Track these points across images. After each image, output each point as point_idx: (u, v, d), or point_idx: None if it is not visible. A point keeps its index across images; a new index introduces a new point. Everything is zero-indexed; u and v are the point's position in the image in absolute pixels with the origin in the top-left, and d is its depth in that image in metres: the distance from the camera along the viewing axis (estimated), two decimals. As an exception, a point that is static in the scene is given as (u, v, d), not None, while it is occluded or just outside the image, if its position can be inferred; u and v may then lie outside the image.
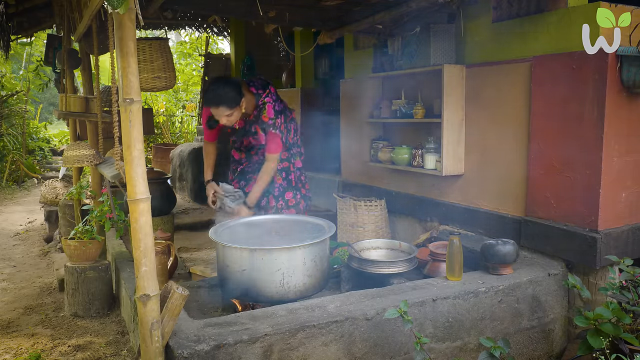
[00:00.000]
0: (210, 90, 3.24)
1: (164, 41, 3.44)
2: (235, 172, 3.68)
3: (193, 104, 11.95)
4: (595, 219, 2.79)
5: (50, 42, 6.25)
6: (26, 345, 3.24)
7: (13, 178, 10.26)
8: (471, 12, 3.53)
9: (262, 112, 3.36)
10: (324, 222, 2.99)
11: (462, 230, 3.59)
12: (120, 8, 1.89)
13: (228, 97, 3.17)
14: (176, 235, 5.21)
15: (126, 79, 2.01)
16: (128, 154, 2.05)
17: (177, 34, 12.82)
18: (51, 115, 17.18)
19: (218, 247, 2.75)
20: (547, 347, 2.88)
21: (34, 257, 5.37)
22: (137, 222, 2.06)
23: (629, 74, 2.68)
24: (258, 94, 3.38)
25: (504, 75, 3.29)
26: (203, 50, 9.86)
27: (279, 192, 3.61)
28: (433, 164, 3.73)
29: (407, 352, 2.46)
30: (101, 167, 3.78)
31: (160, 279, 2.83)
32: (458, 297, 2.59)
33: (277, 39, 6.70)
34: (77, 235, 3.66)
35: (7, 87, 11.15)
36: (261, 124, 3.39)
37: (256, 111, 3.37)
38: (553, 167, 3.00)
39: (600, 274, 2.83)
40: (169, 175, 5.65)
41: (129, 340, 3.25)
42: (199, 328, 2.22)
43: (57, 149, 12.63)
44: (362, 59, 4.76)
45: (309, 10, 3.69)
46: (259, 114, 3.38)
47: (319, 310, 2.39)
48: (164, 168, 8.22)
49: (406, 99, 4.02)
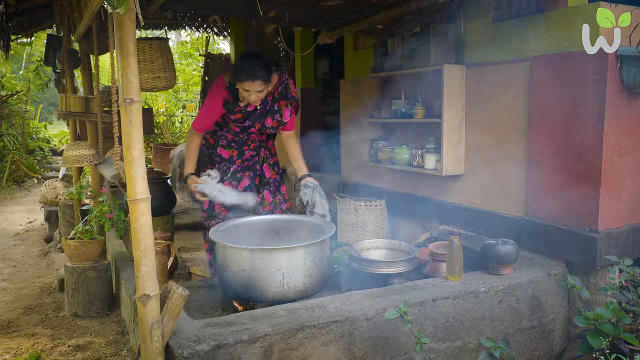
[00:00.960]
0: (245, 64, 3.03)
1: (164, 41, 3.44)
2: (226, 172, 3.48)
3: (193, 104, 11.94)
4: (595, 219, 2.79)
5: (50, 42, 6.25)
6: (26, 345, 3.24)
7: (13, 178, 10.26)
8: (471, 12, 3.53)
9: (289, 86, 3.31)
10: (324, 222, 2.99)
11: (462, 230, 3.59)
12: (120, 8, 1.89)
13: (264, 70, 3.02)
14: (176, 235, 5.21)
15: (126, 79, 2.01)
16: (128, 154, 2.05)
17: (177, 34, 12.83)
18: (51, 115, 17.18)
19: (218, 247, 2.75)
20: (547, 347, 2.88)
21: (34, 257, 5.37)
22: (137, 222, 2.06)
23: (629, 74, 2.68)
24: (280, 69, 3.29)
25: (504, 75, 3.29)
26: (203, 51, 9.86)
27: (274, 187, 3.58)
28: (433, 164, 3.73)
29: (407, 352, 2.46)
30: (101, 167, 3.78)
31: (160, 279, 2.83)
32: (458, 297, 2.59)
33: (277, 39, 6.70)
34: (77, 235, 3.66)
35: (7, 87, 11.15)
36: (290, 99, 3.31)
37: (281, 87, 3.26)
38: (553, 167, 3.00)
39: (600, 274, 2.83)
40: (169, 175, 5.64)
41: (129, 340, 3.25)
42: (199, 328, 2.22)
43: (57, 149, 12.62)
44: (362, 59, 4.76)
45: (309, 10, 3.69)
46: (285, 89, 3.29)
47: (319, 310, 2.39)
48: (164, 168, 8.20)
49: (406, 99, 4.02)
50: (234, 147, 3.48)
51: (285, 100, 3.31)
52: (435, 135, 3.73)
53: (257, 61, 3.04)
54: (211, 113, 3.31)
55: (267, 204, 3.53)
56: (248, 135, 3.40)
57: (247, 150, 3.49)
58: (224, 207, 3.44)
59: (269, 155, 3.61)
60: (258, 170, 3.55)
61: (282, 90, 3.28)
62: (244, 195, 3.30)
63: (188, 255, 4.81)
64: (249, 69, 3.01)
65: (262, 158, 3.57)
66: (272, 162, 3.61)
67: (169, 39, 3.63)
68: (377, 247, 3.28)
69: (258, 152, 3.55)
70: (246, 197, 3.30)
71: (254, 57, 3.07)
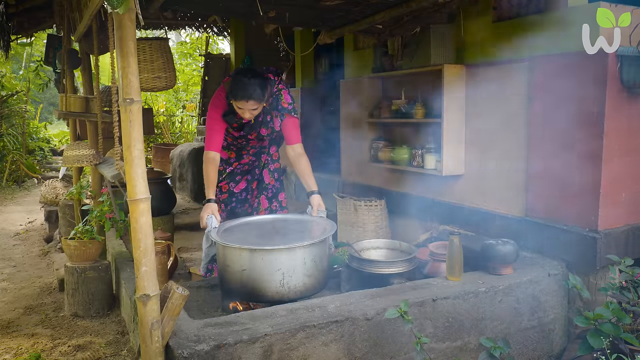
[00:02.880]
0: (240, 82, 3.01)
1: (164, 41, 3.44)
2: (222, 173, 3.46)
3: (193, 104, 11.94)
4: (595, 219, 2.79)
5: (50, 42, 6.24)
6: (26, 345, 3.24)
7: (13, 178, 10.27)
8: (471, 12, 3.53)
9: (280, 98, 3.25)
10: (324, 222, 2.99)
11: (462, 230, 3.59)
12: (120, 8, 1.89)
13: (258, 90, 2.99)
14: (176, 235, 5.21)
15: (126, 79, 2.01)
16: (128, 154, 2.05)
17: (177, 34, 12.82)
18: (51, 115, 17.19)
19: (218, 247, 2.75)
20: (547, 347, 2.88)
21: (34, 257, 5.37)
22: (137, 222, 2.06)
23: (629, 74, 2.68)
24: (273, 80, 3.25)
25: (504, 75, 3.29)
26: (203, 50, 9.86)
27: (272, 193, 3.57)
28: (433, 164, 3.73)
29: (407, 352, 2.46)
30: (101, 167, 3.78)
31: (160, 279, 2.83)
32: (458, 297, 2.59)
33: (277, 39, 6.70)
34: (77, 235, 3.66)
35: (7, 87, 11.15)
36: (281, 110, 3.25)
37: (272, 99, 3.22)
38: (553, 167, 3.00)
39: (600, 274, 2.83)
40: (169, 175, 5.65)
41: (129, 340, 3.25)
42: (199, 328, 2.22)
43: (57, 149, 12.63)
44: (362, 59, 4.76)
45: (309, 10, 3.69)
46: (276, 100, 3.25)
47: (319, 310, 2.39)
48: (164, 168, 8.22)
49: (406, 99, 4.02)
50: (233, 150, 3.47)
51: (275, 111, 3.26)
52: (435, 135, 3.73)
53: (252, 80, 2.98)
54: (216, 126, 3.21)
55: (263, 209, 3.54)
56: (247, 141, 3.39)
57: (246, 155, 3.48)
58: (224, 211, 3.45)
59: (269, 161, 3.60)
60: (257, 175, 3.55)
61: (273, 102, 3.24)
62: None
63: (188, 255, 4.81)
64: (244, 88, 2.97)
65: (262, 163, 3.57)
66: (272, 168, 3.59)
67: (169, 39, 3.63)
68: (377, 247, 3.28)
69: (259, 158, 3.54)
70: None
71: (249, 76, 3.01)
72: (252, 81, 2.98)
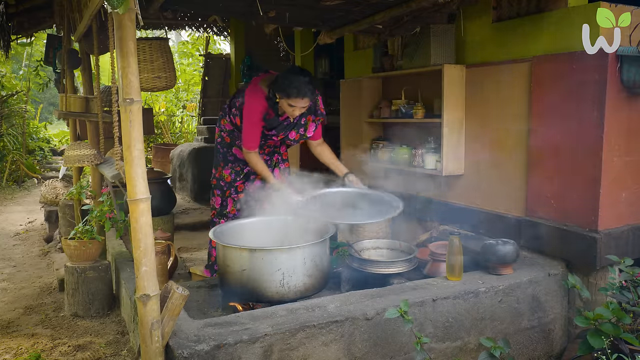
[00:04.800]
0: (296, 80, 3.07)
1: (164, 41, 3.45)
2: (239, 173, 3.55)
3: (193, 104, 11.94)
4: (595, 219, 2.79)
5: (50, 42, 6.24)
6: (26, 345, 3.24)
7: (13, 178, 10.27)
8: (471, 12, 3.53)
9: (317, 102, 3.36)
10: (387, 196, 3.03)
11: (462, 230, 3.59)
12: (120, 8, 1.89)
13: (312, 87, 3.11)
14: (176, 235, 5.21)
15: (126, 79, 2.01)
16: (128, 154, 2.05)
17: (177, 34, 12.83)
18: (51, 115, 17.18)
19: (218, 247, 2.75)
20: (547, 347, 2.88)
21: (34, 257, 5.37)
22: (137, 222, 2.06)
23: (629, 74, 2.68)
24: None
25: (504, 75, 3.29)
26: (203, 50, 9.86)
27: None
28: (433, 164, 3.73)
29: (407, 352, 2.46)
30: (101, 167, 3.79)
31: (160, 279, 2.83)
32: (458, 297, 2.59)
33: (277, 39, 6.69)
34: (77, 235, 3.66)
35: (7, 87, 11.14)
36: (319, 115, 3.40)
37: (311, 102, 3.26)
38: (553, 167, 3.00)
39: (600, 274, 2.83)
40: (169, 175, 5.65)
41: (129, 340, 3.25)
42: (199, 328, 2.22)
43: (57, 149, 12.64)
44: (362, 59, 4.76)
45: (309, 10, 3.68)
46: (315, 105, 3.35)
47: (319, 310, 2.39)
48: (164, 168, 8.23)
49: (406, 99, 4.02)
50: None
51: (312, 115, 3.38)
52: (435, 135, 3.73)
53: (306, 78, 3.09)
54: (256, 128, 3.27)
55: None
56: (265, 141, 3.44)
57: (262, 154, 3.53)
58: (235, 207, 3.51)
59: (280, 161, 3.68)
60: None
61: (312, 105, 3.32)
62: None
63: (188, 255, 4.81)
64: (300, 86, 3.05)
65: (274, 162, 3.64)
66: (283, 167, 3.67)
67: (169, 39, 3.64)
68: (377, 247, 3.28)
69: (271, 157, 3.62)
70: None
71: (304, 74, 3.12)
72: (307, 79, 3.10)
